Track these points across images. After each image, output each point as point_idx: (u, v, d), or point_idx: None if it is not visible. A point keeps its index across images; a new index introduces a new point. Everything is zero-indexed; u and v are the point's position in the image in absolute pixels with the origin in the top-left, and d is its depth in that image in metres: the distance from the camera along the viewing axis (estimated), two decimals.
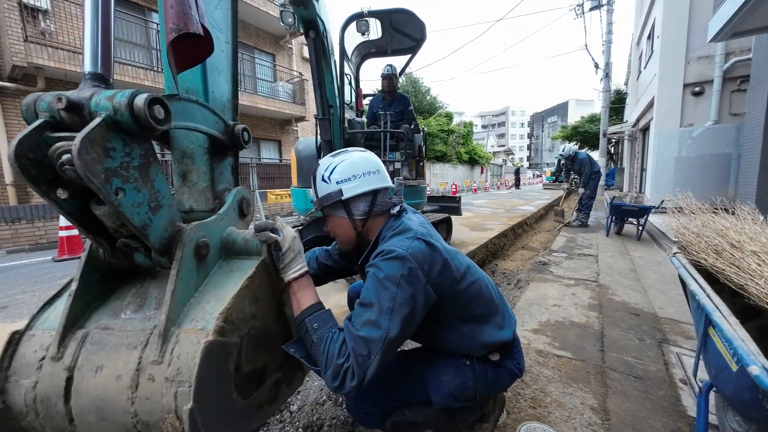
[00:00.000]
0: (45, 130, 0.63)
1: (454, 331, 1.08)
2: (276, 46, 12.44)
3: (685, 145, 7.93)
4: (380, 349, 0.85)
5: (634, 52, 14.61)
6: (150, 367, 0.71)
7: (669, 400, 1.59)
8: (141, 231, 0.70)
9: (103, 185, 0.61)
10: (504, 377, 1.15)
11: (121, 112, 0.62)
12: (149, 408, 0.69)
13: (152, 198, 0.72)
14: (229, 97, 1.04)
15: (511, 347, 1.17)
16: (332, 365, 0.85)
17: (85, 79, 0.68)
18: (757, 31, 4.99)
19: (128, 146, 0.66)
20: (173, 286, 0.74)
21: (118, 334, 0.76)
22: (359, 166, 1.06)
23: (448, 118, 23.85)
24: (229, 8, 1.02)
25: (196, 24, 0.72)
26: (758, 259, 1.10)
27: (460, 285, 1.03)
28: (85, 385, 0.72)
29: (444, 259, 0.98)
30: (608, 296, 2.94)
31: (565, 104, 61.48)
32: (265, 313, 0.91)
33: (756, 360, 0.77)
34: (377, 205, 1.07)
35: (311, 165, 3.64)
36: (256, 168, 10.20)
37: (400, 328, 0.88)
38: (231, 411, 0.78)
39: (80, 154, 0.56)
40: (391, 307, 0.88)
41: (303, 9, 2.87)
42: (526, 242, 6.06)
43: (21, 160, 0.60)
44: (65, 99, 0.62)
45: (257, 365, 0.89)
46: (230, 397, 0.78)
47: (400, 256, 0.90)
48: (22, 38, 6.35)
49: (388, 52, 4.39)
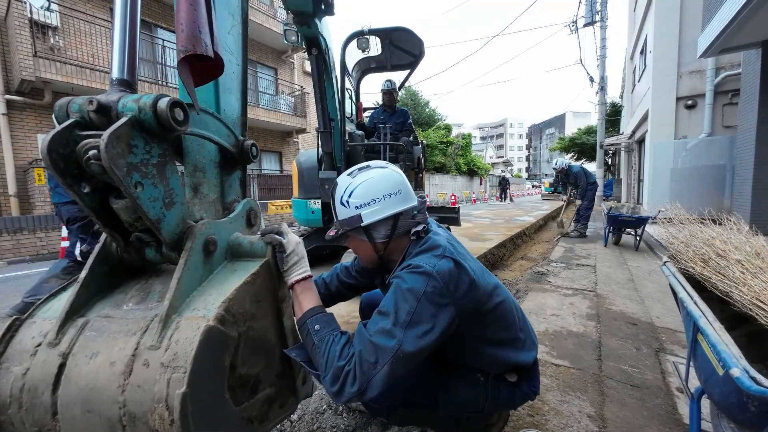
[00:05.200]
0: (75, 128, 0.71)
1: (474, 351, 1.05)
2: (278, 61, 12.73)
3: (680, 156, 8.06)
4: (389, 360, 0.83)
5: (628, 66, 14.95)
6: (146, 353, 0.70)
7: (665, 409, 1.61)
8: (155, 224, 0.75)
9: (125, 178, 0.67)
10: (516, 398, 1.13)
11: (145, 111, 0.69)
12: (139, 397, 0.67)
13: (167, 194, 0.77)
14: (239, 114, 1.11)
15: (531, 371, 1.13)
16: (332, 368, 0.84)
17: (113, 84, 0.75)
18: (745, 47, 5.17)
19: (149, 145, 0.73)
20: (180, 274, 0.77)
21: (118, 322, 0.77)
22: (379, 188, 1.01)
23: (447, 130, 24.15)
24: (240, 33, 1.10)
25: (204, 47, 0.78)
26: (742, 267, 1.14)
27: (486, 305, 0.99)
28: (76, 372, 0.71)
29: (471, 280, 0.95)
30: (606, 306, 2.97)
31: (563, 116, 62.37)
32: (264, 316, 0.92)
33: (737, 363, 0.81)
34: (399, 228, 1.03)
35: (312, 176, 3.72)
36: (258, 179, 10.30)
37: (414, 344, 0.85)
38: (221, 412, 0.76)
39: (107, 147, 0.63)
40: (407, 320, 0.85)
41: (306, 28, 2.99)
42: (525, 252, 6.09)
43: (52, 153, 0.66)
44: (96, 101, 0.70)
45: (252, 372, 0.87)
46: (222, 396, 0.76)
47: (426, 272, 0.89)
48: (32, 53, 6.52)
49: (387, 68, 4.53)
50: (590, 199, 6.54)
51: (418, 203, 1.08)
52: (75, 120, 0.71)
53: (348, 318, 2.51)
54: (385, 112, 4.41)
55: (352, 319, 2.48)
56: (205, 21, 0.80)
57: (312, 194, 3.71)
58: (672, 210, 1.81)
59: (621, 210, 5.91)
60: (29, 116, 7.20)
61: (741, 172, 5.79)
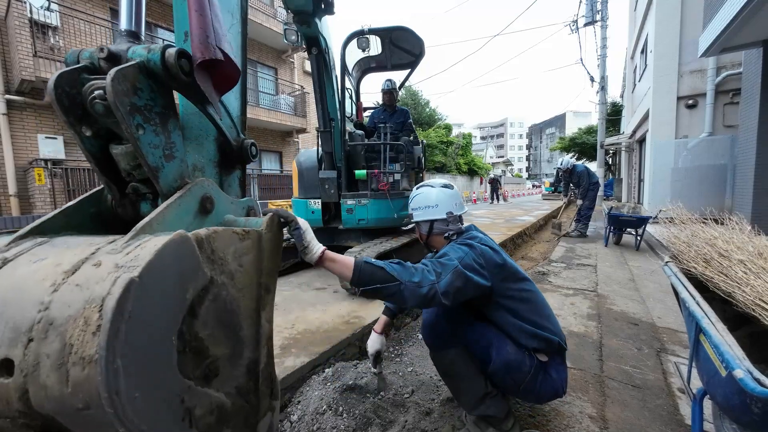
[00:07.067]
0: (83, 72, 0.73)
1: (506, 320, 1.31)
2: (278, 60, 12.72)
3: (681, 156, 8.04)
4: (451, 271, 1.15)
5: (628, 65, 14.93)
6: (103, 256, 0.57)
7: (667, 409, 1.60)
8: (153, 172, 0.75)
9: (128, 116, 0.69)
10: (548, 387, 1.30)
11: (154, 55, 0.72)
12: (72, 298, 0.52)
13: (167, 146, 0.78)
14: (239, 113, 1.10)
15: (558, 358, 1.34)
16: (413, 270, 1.13)
17: (122, 35, 0.79)
18: (746, 47, 5.15)
19: (153, 93, 0.75)
20: (169, 202, 0.73)
21: (82, 238, 0.67)
22: (422, 200, 1.49)
23: (447, 130, 24.15)
24: (239, 32, 1.10)
25: (213, 50, 0.78)
26: (745, 267, 1.14)
27: (513, 285, 1.31)
28: (8, 273, 0.59)
29: (503, 260, 1.31)
30: (607, 306, 2.96)
31: (563, 116, 62.29)
32: (242, 290, 0.81)
33: (740, 364, 0.80)
34: (434, 229, 1.48)
35: (312, 176, 3.71)
36: (258, 179, 10.30)
37: (464, 268, 1.18)
38: (160, 361, 0.57)
39: (113, 82, 0.66)
40: (460, 257, 1.22)
41: (306, 27, 2.99)
42: (526, 252, 6.08)
43: (58, 89, 0.69)
44: (106, 50, 0.74)
45: (211, 347, 0.71)
46: (169, 338, 0.58)
47: (469, 244, 1.29)
48: (32, 53, 6.52)
49: (388, 67, 4.53)
50: (592, 199, 6.53)
51: (449, 216, 1.45)
52: (84, 65, 0.74)
53: (348, 318, 2.50)
54: (385, 111, 4.40)
55: (352, 320, 2.47)
56: (217, 25, 0.81)
57: (312, 194, 3.70)
58: (673, 210, 1.80)
59: (622, 210, 5.90)
60: (29, 116, 7.20)
61: (742, 171, 5.77)
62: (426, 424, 1.52)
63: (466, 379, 1.33)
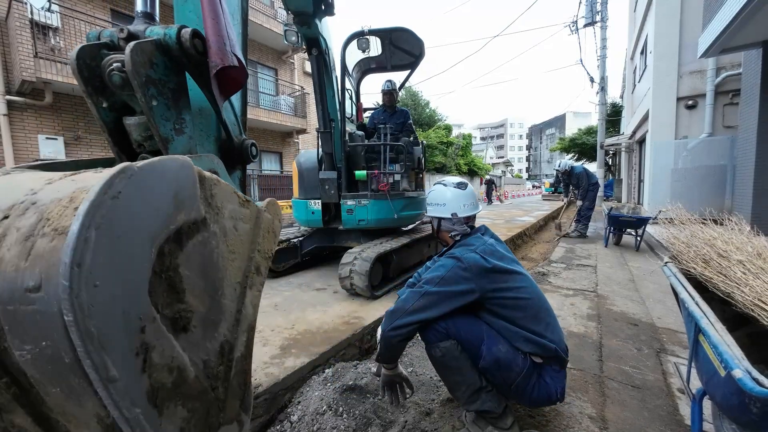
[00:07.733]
0: (103, 48, 0.80)
1: (500, 325, 1.34)
2: (278, 61, 12.73)
3: (680, 156, 8.05)
4: (415, 300, 1.29)
5: (628, 66, 14.94)
6: (107, 170, 0.55)
7: (666, 409, 1.60)
8: (164, 143, 0.80)
9: (143, 86, 0.74)
10: (542, 392, 1.30)
11: (170, 35, 0.79)
12: (62, 186, 0.54)
13: (178, 121, 0.84)
14: (239, 113, 1.11)
15: (556, 365, 1.34)
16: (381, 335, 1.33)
17: (138, 16, 0.86)
18: (746, 47, 5.16)
19: (168, 70, 0.81)
20: None
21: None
22: (434, 197, 1.58)
23: (447, 130, 24.18)
24: (239, 33, 1.10)
25: (231, 59, 0.84)
26: (744, 268, 1.14)
27: (507, 293, 1.33)
28: (9, 178, 0.62)
29: (492, 267, 1.32)
30: (607, 306, 2.96)
31: (563, 116, 62.28)
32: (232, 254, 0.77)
33: (739, 364, 0.81)
34: (442, 227, 1.56)
35: (312, 177, 3.72)
36: (258, 179, 10.31)
37: (438, 285, 1.29)
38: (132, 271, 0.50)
39: (132, 53, 0.72)
40: (438, 275, 1.31)
41: (306, 28, 2.99)
42: (526, 253, 6.08)
43: (79, 60, 0.74)
44: (126, 30, 0.81)
45: (185, 292, 0.63)
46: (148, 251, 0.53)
47: (456, 257, 1.33)
48: (32, 54, 6.53)
49: (388, 68, 4.53)
50: (591, 199, 6.53)
51: (454, 217, 1.50)
52: (105, 42, 0.80)
53: (348, 318, 2.51)
54: (385, 112, 4.40)
55: (352, 320, 2.48)
56: (230, 31, 0.86)
57: (312, 194, 3.70)
58: (673, 210, 1.80)
59: (622, 210, 5.90)
60: (30, 117, 7.20)
61: (742, 172, 5.78)
62: (426, 424, 1.52)
63: (459, 372, 1.33)
